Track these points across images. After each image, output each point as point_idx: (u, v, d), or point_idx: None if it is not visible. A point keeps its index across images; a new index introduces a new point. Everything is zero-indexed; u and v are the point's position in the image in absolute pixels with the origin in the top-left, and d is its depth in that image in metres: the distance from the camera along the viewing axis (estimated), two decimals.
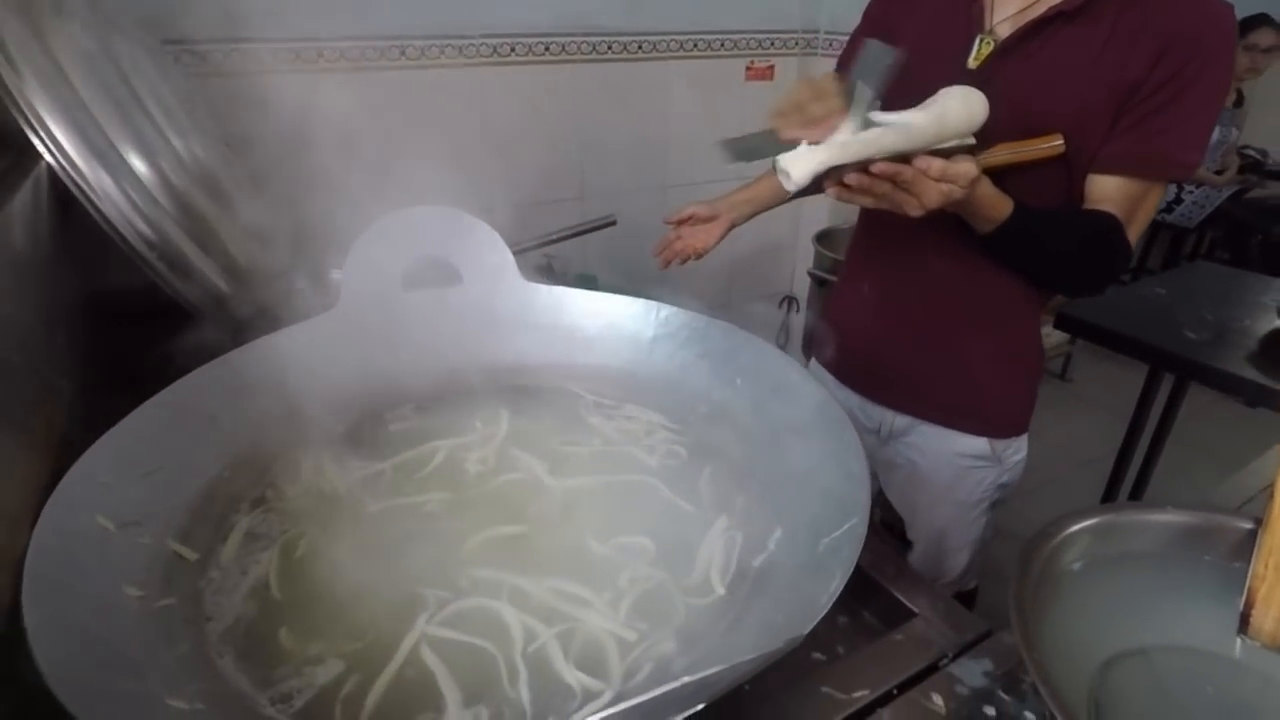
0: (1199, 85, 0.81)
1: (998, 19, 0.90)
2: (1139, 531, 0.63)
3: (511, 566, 0.64)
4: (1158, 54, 0.80)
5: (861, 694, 0.58)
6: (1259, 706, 0.52)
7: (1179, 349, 1.39)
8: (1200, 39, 0.80)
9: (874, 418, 1.12)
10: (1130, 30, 0.82)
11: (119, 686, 0.46)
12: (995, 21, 0.91)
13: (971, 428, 1.04)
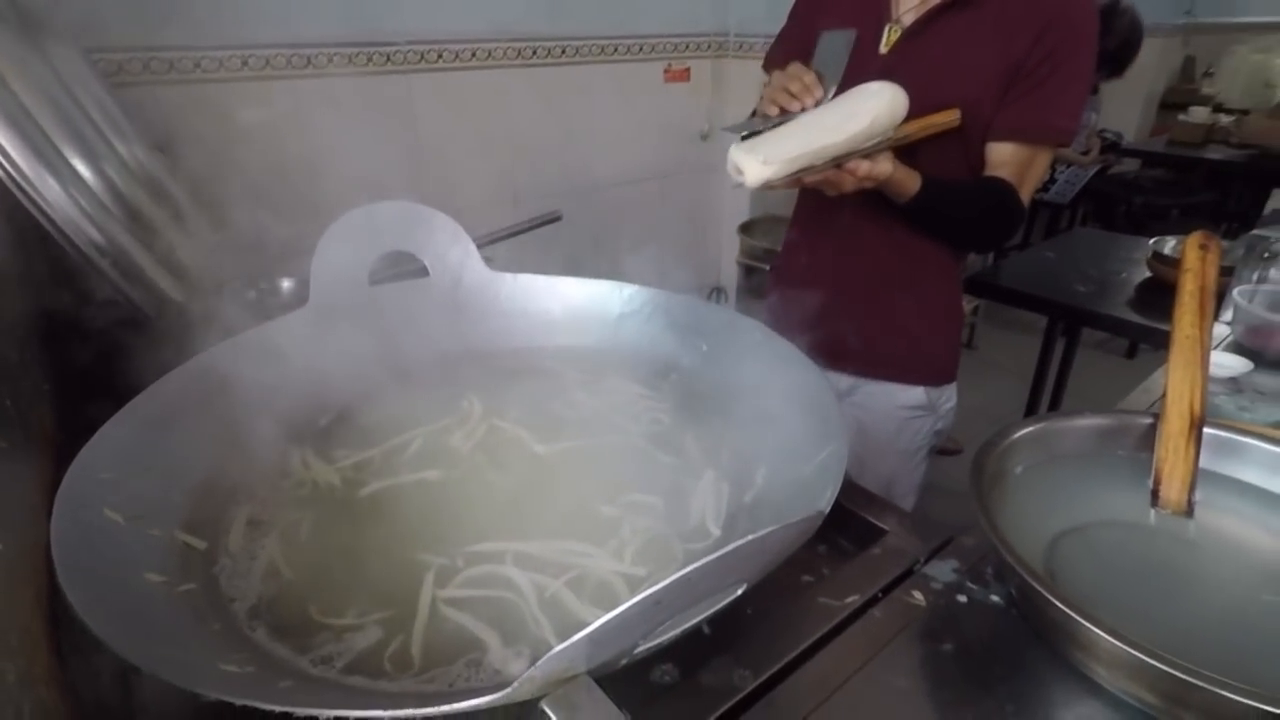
0: (1071, 63, 0.94)
1: (903, 9, 1.01)
2: (1065, 436, 0.73)
3: (513, 533, 0.67)
4: (1036, 37, 0.93)
5: (852, 599, 0.65)
6: (1174, 559, 0.62)
7: (1072, 301, 1.57)
8: (1070, 24, 0.93)
9: None
10: (1012, 17, 0.94)
11: (172, 655, 0.48)
12: (901, 12, 1.02)
13: (910, 378, 1.14)
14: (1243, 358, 1.07)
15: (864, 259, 1.10)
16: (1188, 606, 0.58)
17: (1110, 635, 0.49)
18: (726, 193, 2.37)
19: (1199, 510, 0.66)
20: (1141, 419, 0.73)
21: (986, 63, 0.95)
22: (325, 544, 0.67)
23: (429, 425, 0.84)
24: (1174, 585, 0.60)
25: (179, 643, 0.50)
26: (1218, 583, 0.60)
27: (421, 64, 1.68)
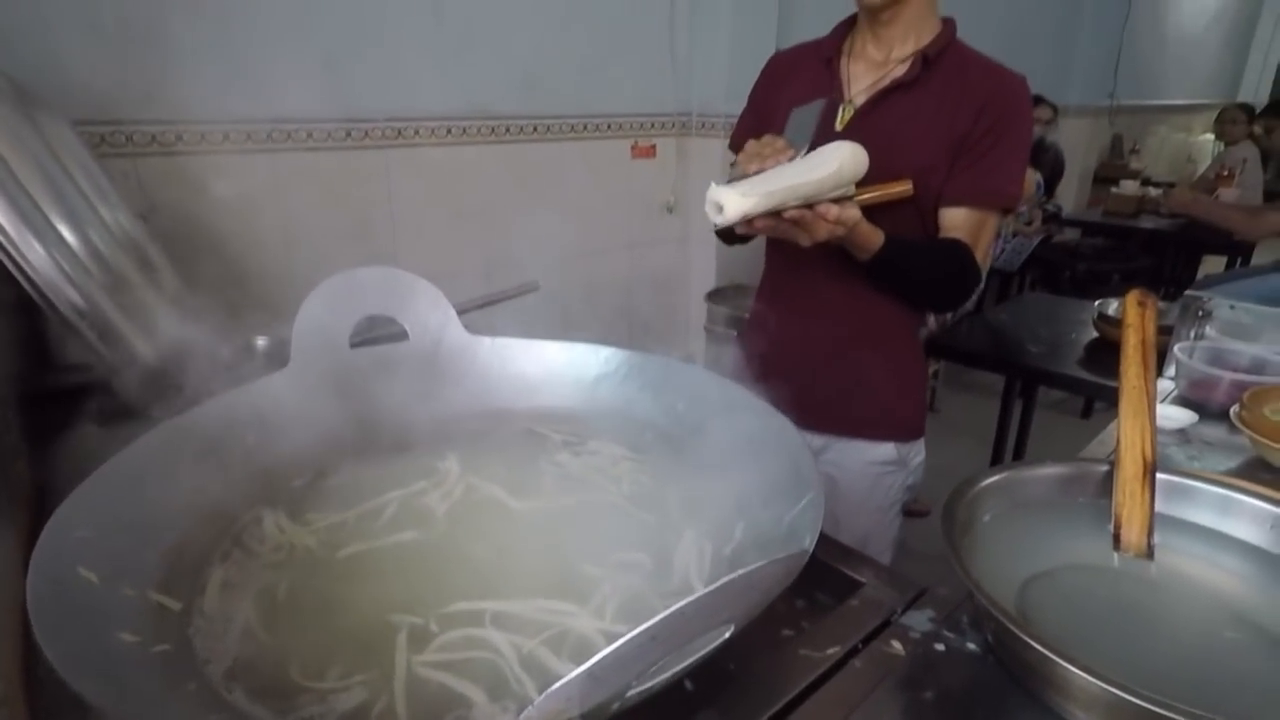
0: (1011, 135, 1.02)
1: (854, 91, 1.10)
2: (1028, 484, 0.76)
3: (491, 592, 0.66)
4: (977, 113, 1.01)
5: (833, 650, 0.66)
6: (1138, 600, 0.65)
7: (1027, 361, 1.64)
8: (1006, 101, 1.02)
9: None
10: (954, 96, 1.03)
11: (149, 714, 0.47)
12: (853, 93, 1.10)
13: (880, 435, 1.17)
14: (1188, 410, 1.12)
15: (830, 321, 1.15)
16: (1154, 645, 0.60)
17: (1086, 673, 0.51)
18: (694, 262, 2.45)
19: (1159, 552, 0.69)
20: (1099, 467, 0.77)
21: (933, 137, 1.03)
22: (302, 606, 0.66)
23: (407, 487, 0.84)
24: (1140, 625, 0.62)
25: (156, 702, 0.49)
26: (1181, 622, 0.63)
27: (399, 140, 1.74)
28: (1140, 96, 5.08)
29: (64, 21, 1.27)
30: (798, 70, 1.17)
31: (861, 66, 1.10)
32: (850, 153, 0.90)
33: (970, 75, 1.04)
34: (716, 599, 0.36)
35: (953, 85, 1.04)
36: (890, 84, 1.06)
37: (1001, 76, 1.05)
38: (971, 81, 1.03)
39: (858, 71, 1.10)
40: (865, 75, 1.09)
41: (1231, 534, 0.70)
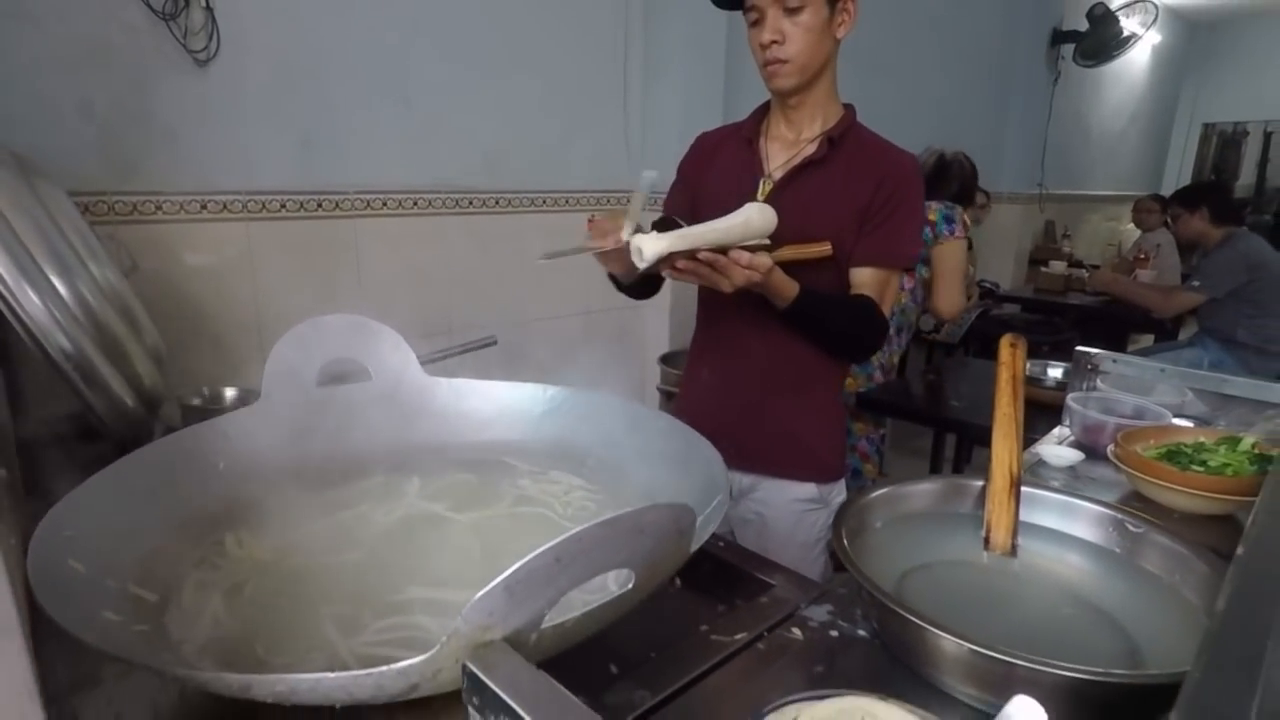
0: (906, 205, 1.19)
1: (773, 166, 1.26)
2: (912, 497, 0.87)
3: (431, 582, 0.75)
4: (876, 186, 1.17)
5: (741, 636, 0.74)
6: (1001, 587, 0.75)
7: (947, 414, 1.78)
8: (900, 175, 1.19)
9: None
10: (856, 172, 1.19)
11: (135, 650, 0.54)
12: (771, 168, 1.26)
13: (801, 475, 1.28)
14: (1077, 450, 1.26)
15: (755, 370, 1.27)
16: (1010, 620, 0.70)
17: (945, 633, 0.60)
18: (648, 328, 2.59)
19: (1021, 551, 0.80)
20: (974, 482, 0.88)
21: (840, 206, 1.19)
22: (266, 603, 0.73)
23: (363, 505, 0.92)
24: (999, 607, 0.73)
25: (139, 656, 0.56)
26: (1032, 603, 0.73)
27: (367, 210, 1.87)
28: (1067, 186, 5.52)
29: (56, 100, 1.40)
30: (722, 148, 1.33)
31: (777, 145, 1.27)
32: (758, 209, 1.05)
33: (869, 153, 1.21)
34: (608, 530, 0.46)
35: (855, 162, 1.20)
36: (802, 161, 1.22)
37: (895, 155, 1.22)
38: (870, 159, 1.20)
39: (774, 150, 1.27)
40: (780, 153, 1.26)
41: (1076, 535, 0.81)
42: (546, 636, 0.51)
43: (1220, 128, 7.96)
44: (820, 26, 1.15)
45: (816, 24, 1.14)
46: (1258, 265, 2.99)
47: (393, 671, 0.48)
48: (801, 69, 1.17)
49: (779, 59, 1.16)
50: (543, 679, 0.45)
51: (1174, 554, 0.72)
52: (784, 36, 1.14)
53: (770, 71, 1.19)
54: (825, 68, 1.21)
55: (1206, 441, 1.11)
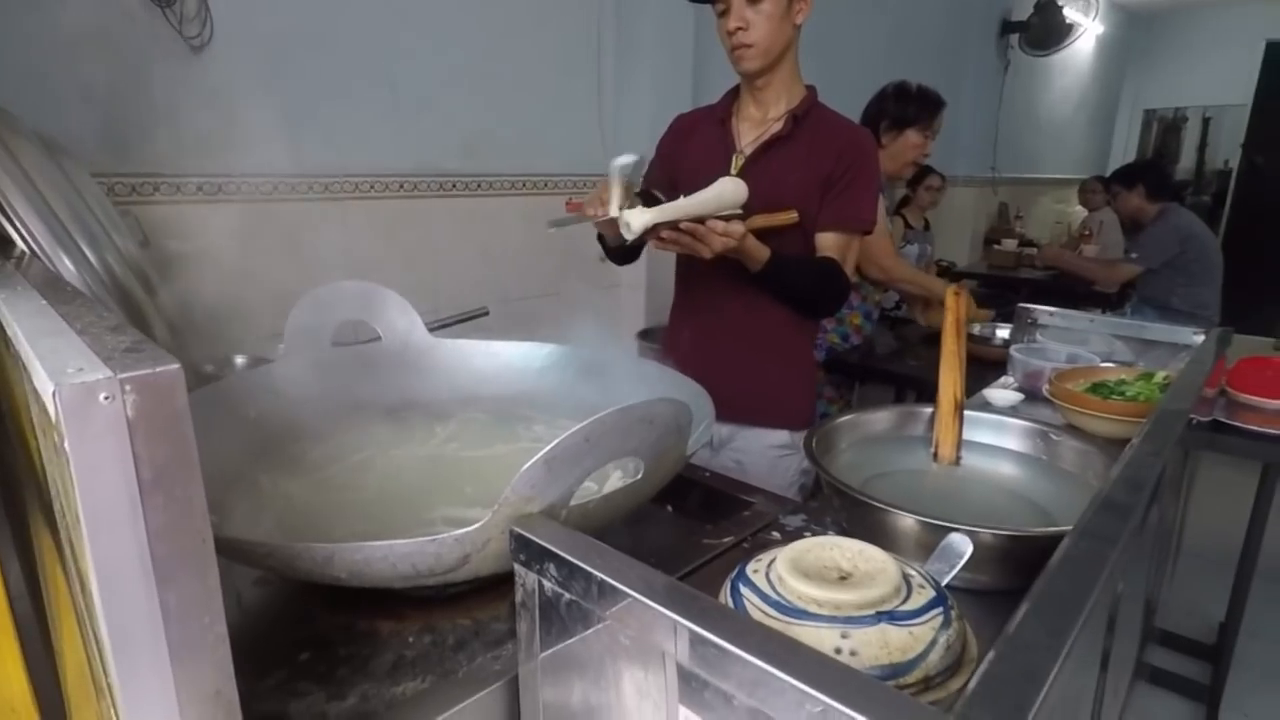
0: (863, 175, 1.32)
1: (744, 143, 1.38)
2: (874, 422, 1.00)
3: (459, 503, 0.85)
4: (835, 157, 1.30)
5: (728, 539, 0.86)
6: (947, 487, 0.89)
7: (906, 372, 1.94)
8: (857, 148, 1.32)
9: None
10: (818, 145, 1.32)
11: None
12: (743, 144, 1.38)
13: (775, 423, 1.41)
14: (1018, 392, 1.40)
15: (731, 327, 1.40)
16: (954, 510, 0.83)
17: (902, 510, 0.72)
18: (625, 306, 2.70)
19: (964, 461, 0.93)
20: (925, 409, 1.02)
21: (806, 177, 1.31)
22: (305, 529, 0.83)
23: (385, 446, 1.01)
24: (946, 501, 0.86)
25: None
26: (973, 498, 0.87)
27: (355, 193, 1.95)
28: (1019, 170, 5.76)
29: (57, 83, 1.45)
30: (697, 128, 1.45)
31: (747, 124, 1.39)
32: (730, 182, 1.17)
33: (829, 129, 1.33)
34: (624, 416, 0.57)
35: (818, 137, 1.33)
36: (770, 138, 1.34)
37: (853, 129, 1.35)
38: (830, 134, 1.33)
39: (744, 128, 1.39)
40: (750, 131, 1.38)
41: (1009, 447, 0.95)
42: (574, 514, 0.62)
43: (1161, 114, 8.31)
44: (780, 14, 1.27)
45: (777, 12, 1.26)
46: (1189, 237, 3.21)
47: (450, 539, 0.58)
48: (765, 52, 1.29)
49: (744, 44, 1.28)
50: (578, 535, 0.56)
51: (1083, 452, 0.86)
52: (748, 24, 1.27)
53: (737, 55, 1.31)
54: (787, 51, 1.33)
55: (1127, 378, 1.26)
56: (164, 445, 0.39)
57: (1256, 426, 1.54)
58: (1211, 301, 3.28)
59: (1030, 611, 0.46)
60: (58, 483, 0.47)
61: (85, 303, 0.55)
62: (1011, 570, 0.70)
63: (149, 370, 0.38)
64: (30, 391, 0.48)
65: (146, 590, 0.39)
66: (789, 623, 0.48)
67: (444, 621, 0.73)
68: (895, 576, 0.51)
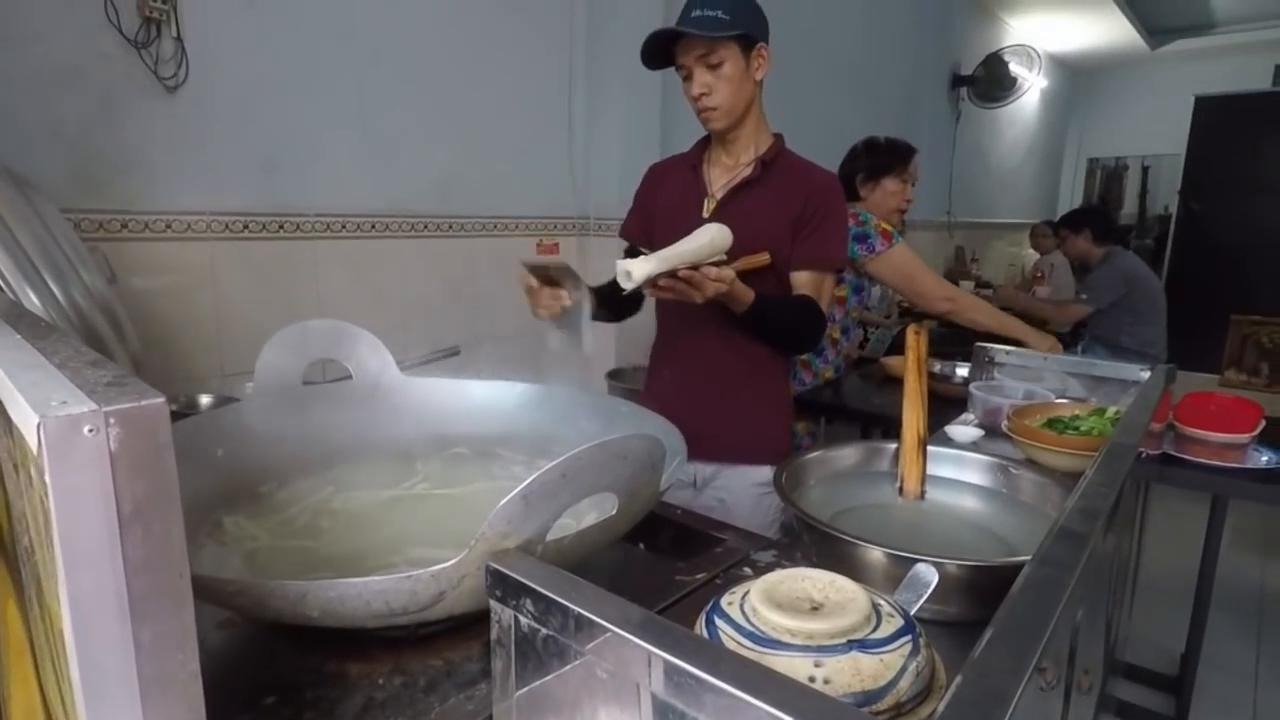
0: (832, 216, 1.38)
1: (715, 187, 1.43)
2: (841, 458, 1.03)
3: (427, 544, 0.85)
4: (804, 200, 1.35)
5: (701, 575, 0.87)
6: (913, 520, 0.91)
7: (873, 409, 1.98)
8: (824, 190, 1.38)
9: (689, 472, 1.48)
10: (786, 189, 1.37)
11: None
12: (714, 189, 1.43)
13: (758, 459, 1.43)
14: (978, 429, 1.44)
15: (709, 364, 1.43)
16: (920, 542, 0.85)
17: (869, 543, 0.74)
18: (595, 345, 2.71)
19: (928, 495, 0.96)
20: (890, 445, 1.04)
21: (776, 218, 1.36)
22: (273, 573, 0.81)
23: (353, 489, 1.00)
24: (912, 534, 0.88)
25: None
26: (938, 530, 0.89)
27: (327, 232, 1.95)
28: (973, 215, 5.99)
29: (27, 119, 1.45)
30: (670, 175, 1.51)
31: (718, 170, 1.44)
32: (717, 229, 1.20)
33: (796, 174, 1.40)
34: (600, 452, 0.58)
35: (785, 181, 1.39)
36: (740, 182, 1.39)
37: (819, 173, 1.42)
38: (798, 178, 1.39)
39: (715, 174, 1.44)
40: (721, 177, 1.43)
41: (971, 481, 0.98)
42: (550, 549, 0.62)
43: (1104, 162, 8.74)
44: (740, 75, 1.33)
45: (736, 73, 1.32)
46: (1134, 279, 3.36)
47: (426, 575, 0.58)
48: (729, 112, 1.35)
49: (709, 106, 1.34)
50: (555, 570, 0.57)
51: (1041, 485, 0.90)
52: (710, 88, 1.33)
53: (705, 117, 1.37)
54: (751, 106, 1.39)
55: (1080, 414, 1.31)
56: (145, 479, 0.39)
57: (1203, 459, 1.61)
58: (1158, 340, 3.42)
59: (994, 637, 0.48)
60: (28, 517, 0.46)
61: (60, 337, 0.55)
62: (976, 600, 0.72)
63: (134, 404, 0.39)
64: (4, 425, 0.48)
65: (121, 626, 0.39)
66: (763, 653, 0.49)
67: (414, 663, 0.72)
68: (865, 606, 0.52)
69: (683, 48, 1.32)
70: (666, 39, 1.33)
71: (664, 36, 1.32)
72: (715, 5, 1.27)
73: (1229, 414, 1.59)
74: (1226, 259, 5.61)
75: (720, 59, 1.30)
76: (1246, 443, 1.61)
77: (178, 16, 1.59)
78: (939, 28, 4.86)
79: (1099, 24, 6.18)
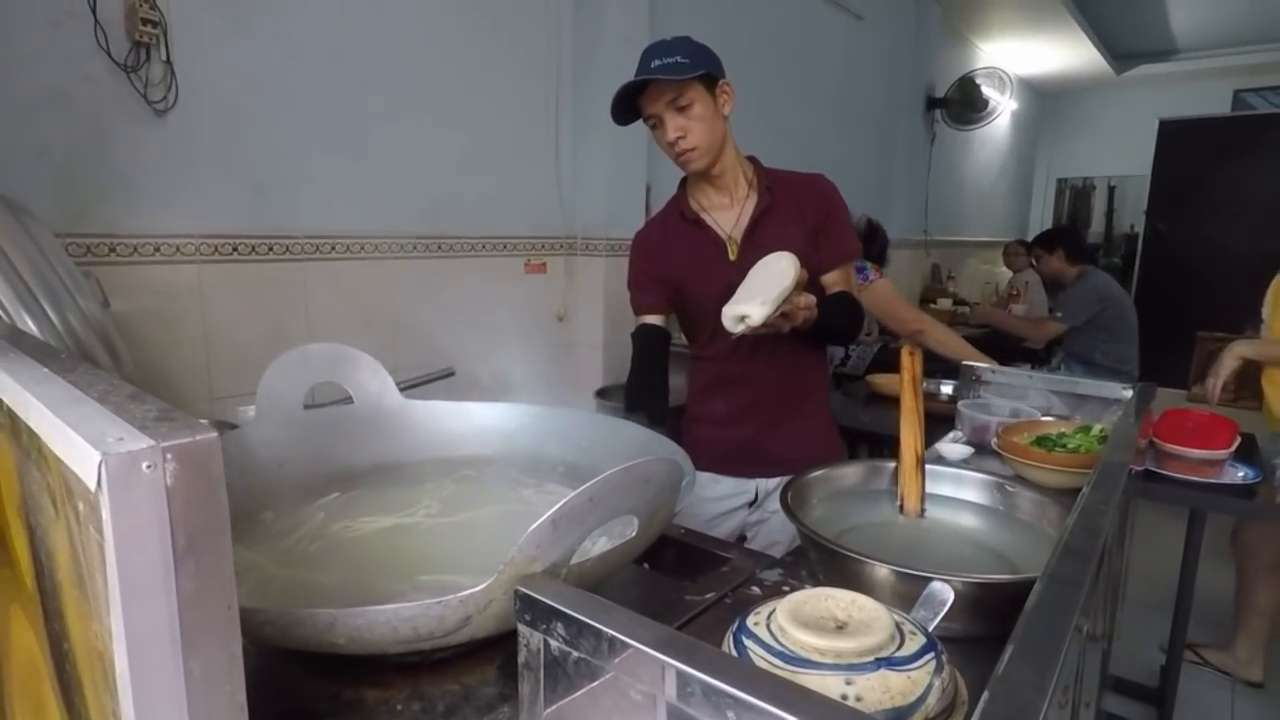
0: (838, 211, 1.45)
1: (729, 229, 1.45)
2: (843, 477, 1.05)
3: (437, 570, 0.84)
4: (814, 207, 1.42)
5: (710, 595, 0.88)
6: (914, 538, 0.93)
7: (862, 427, 2.01)
8: (827, 195, 1.46)
9: (748, 489, 1.54)
10: (796, 204, 1.43)
11: None
12: (730, 231, 1.45)
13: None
14: (968, 446, 1.48)
15: (765, 393, 1.50)
16: (923, 559, 0.87)
17: (877, 561, 0.76)
18: (581, 366, 2.72)
19: (928, 513, 0.98)
20: (889, 464, 1.07)
21: (795, 235, 1.41)
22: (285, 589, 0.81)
23: (355, 515, 1.00)
24: (914, 551, 0.90)
25: None
26: (939, 547, 0.91)
27: (316, 254, 1.94)
28: (948, 233, 6.12)
29: (13, 143, 1.43)
30: (670, 237, 1.50)
31: (719, 213, 1.47)
32: (789, 259, 1.22)
33: (797, 186, 1.46)
34: (625, 475, 0.59)
35: (790, 197, 1.44)
36: (757, 214, 1.43)
37: (814, 179, 1.49)
38: (800, 190, 1.46)
39: (720, 218, 1.46)
40: (727, 218, 1.46)
41: (970, 499, 1.01)
42: (573, 572, 0.63)
43: (1072, 182, 8.98)
44: (710, 113, 1.36)
45: (707, 112, 1.35)
46: (1107, 297, 3.45)
47: (455, 600, 0.59)
48: (707, 150, 1.38)
49: (688, 149, 1.37)
50: (583, 593, 0.58)
51: (1038, 503, 0.92)
52: (685, 130, 1.35)
53: (684, 160, 1.39)
54: (726, 140, 1.42)
55: (1067, 431, 1.35)
56: (199, 513, 0.40)
57: (1183, 474, 1.65)
58: (1130, 356, 3.51)
59: (1016, 653, 0.50)
60: (64, 551, 0.46)
61: (88, 370, 0.55)
62: (983, 616, 0.74)
63: (189, 439, 0.39)
64: (37, 460, 0.48)
65: (174, 658, 0.39)
66: (795, 672, 0.51)
67: (432, 688, 0.72)
68: (889, 624, 0.54)
69: (649, 98, 1.34)
70: (634, 92, 1.34)
71: (632, 88, 1.34)
72: (673, 53, 1.31)
73: (1206, 431, 1.64)
74: (1191, 277, 5.79)
75: (689, 100, 1.32)
76: (1224, 458, 1.66)
77: (167, 40, 1.58)
78: (914, 52, 4.99)
79: (1066, 49, 6.38)
